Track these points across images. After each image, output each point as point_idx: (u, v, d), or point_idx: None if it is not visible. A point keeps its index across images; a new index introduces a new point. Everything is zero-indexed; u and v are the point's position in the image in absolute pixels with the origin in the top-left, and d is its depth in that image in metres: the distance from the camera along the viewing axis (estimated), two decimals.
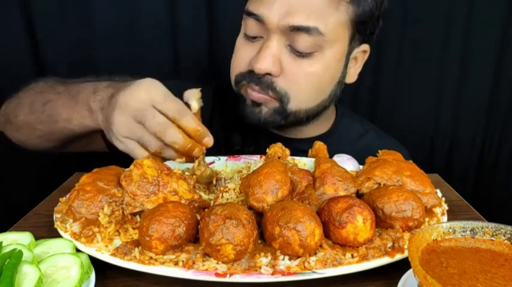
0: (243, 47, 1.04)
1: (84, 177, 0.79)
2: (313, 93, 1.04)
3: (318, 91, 1.04)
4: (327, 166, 0.80)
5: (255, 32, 1.00)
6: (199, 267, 0.63)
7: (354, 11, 0.99)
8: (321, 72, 1.00)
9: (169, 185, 0.76)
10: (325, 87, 1.05)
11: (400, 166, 0.82)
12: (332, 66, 1.02)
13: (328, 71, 1.02)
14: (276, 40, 0.97)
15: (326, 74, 1.02)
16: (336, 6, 0.97)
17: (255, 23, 0.99)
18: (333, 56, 1.01)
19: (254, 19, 0.98)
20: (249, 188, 0.75)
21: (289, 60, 0.98)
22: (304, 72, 0.99)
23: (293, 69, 0.99)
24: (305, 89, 1.02)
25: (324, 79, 1.03)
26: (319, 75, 1.01)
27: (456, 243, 0.61)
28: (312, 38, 0.95)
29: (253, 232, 0.65)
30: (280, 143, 0.93)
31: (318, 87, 1.03)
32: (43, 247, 0.67)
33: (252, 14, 0.98)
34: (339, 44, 1.01)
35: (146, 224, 0.66)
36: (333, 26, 0.97)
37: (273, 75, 0.99)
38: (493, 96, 1.62)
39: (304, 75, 0.99)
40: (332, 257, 0.64)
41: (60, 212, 0.76)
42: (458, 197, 0.95)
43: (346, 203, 0.68)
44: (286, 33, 0.96)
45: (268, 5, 0.96)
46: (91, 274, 0.63)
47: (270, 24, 0.96)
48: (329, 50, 0.99)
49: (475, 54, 1.57)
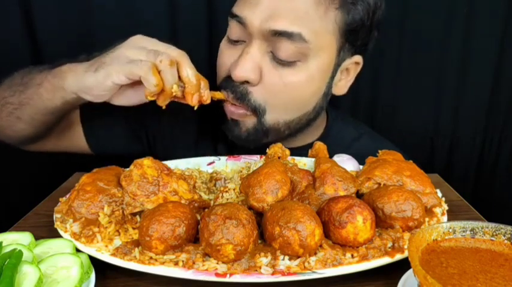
0: (225, 51, 0.99)
1: (84, 177, 0.79)
2: (293, 105, 0.98)
3: (299, 103, 0.98)
4: (327, 166, 0.80)
5: (238, 35, 0.95)
6: (199, 267, 0.63)
7: (343, 18, 0.93)
8: (303, 83, 0.94)
9: (169, 185, 0.76)
10: (307, 99, 0.99)
11: (400, 166, 0.82)
12: (316, 78, 0.96)
13: (311, 83, 0.95)
14: (257, 45, 0.91)
15: (309, 85, 0.96)
16: (323, 13, 0.90)
17: (238, 26, 0.93)
18: (318, 67, 0.94)
19: (237, 21, 0.93)
20: (249, 188, 0.75)
21: (270, 68, 0.92)
22: (284, 82, 0.93)
23: (272, 79, 0.93)
24: (284, 100, 0.95)
25: (306, 91, 0.96)
26: (301, 87, 0.95)
27: (456, 243, 0.61)
28: (294, 45, 0.89)
29: (253, 232, 0.65)
30: (280, 143, 0.93)
31: (299, 99, 0.97)
32: (43, 247, 0.68)
33: (235, 16, 0.93)
34: (325, 54, 0.94)
35: (146, 224, 0.66)
36: (319, 33, 0.91)
37: (250, 84, 0.93)
38: (493, 96, 1.62)
39: (283, 86, 0.93)
40: (332, 257, 0.64)
41: (60, 212, 0.76)
42: (458, 197, 0.95)
43: (346, 203, 0.68)
44: (268, 38, 0.90)
45: (251, 7, 0.90)
46: (91, 274, 0.63)
47: (251, 27, 0.90)
48: (313, 59, 0.93)
49: (475, 54, 1.56)
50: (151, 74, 0.78)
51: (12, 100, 0.98)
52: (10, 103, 0.98)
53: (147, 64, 0.78)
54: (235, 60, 0.93)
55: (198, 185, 0.87)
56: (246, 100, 0.94)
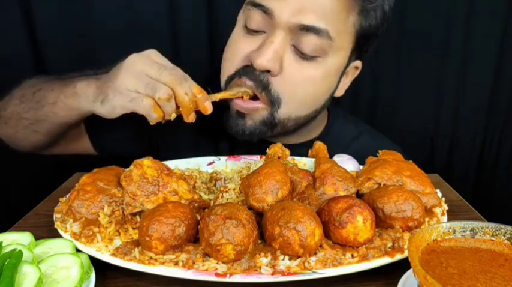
0: (242, 40, 0.97)
1: (84, 177, 0.79)
2: (307, 101, 1.00)
3: (312, 99, 1.00)
4: (327, 166, 0.80)
5: (259, 25, 0.94)
6: (199, 267, 0.63)
7: (361, 23, 0.96)
8: (320, 78, 0.97)
9: (169, 185, 0.76)
10: (320, 96, 1.01)
11: (400, 166, 0.82)
12: (331, 75, 0.99)
13: (327, 80, 0.99)
14: (281, 37, 0.92)
15: (325, 82, 0.99)
16: (346, 14, 0.94)
17: (261, 16, 0.93)
18: (335, 65, 0.97)
19: (261, 11, 0.92)
20: (249, 188, 0.75)
21: (291, 60, 0.94)
22: (304, 75, 0.95)
23: (293, 71, 0.94)
24: (300, 94, 0.97)
25: (321, 87, 0.99)
26: (318, 82, 0.97)
27: (456, 243, 0.61)
28: (319, 41, 0.91)
29: (253, 232, 0.65)
30: (280, 143, 0.93)
31: (313, 95, 0.99)
32: (43, 247, 0.68)
33: (260, 6, 0.92)
34: (342, 54, 0.98)
35: (146, 224, 0.66)
36: (340, 33, 0.94)
37: (271, 74, 0.94)
38: (493, 96, 1.62)
39: (303, 79, 0.95)
40: (332, 257, 0.64)
41: (60, 212, 0.76)
42: (458, 197, 0.95)
43: (346, 203, 0.68)
44: (294, 31, 0.91)
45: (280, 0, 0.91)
46: (91, 274, 0.63)
47: (278, 19, 0.91)
48: (332, 57, 0.95)
49: (475, 54, 1.56)
50: (153, 112, 0.84)
51: (27, 116, 1.03)
52: (25, 119, 1.03)
53: (148, 103, 0.83)
54: (257, 49, 0.93)
55: (198, 185, 0.87)
56: (266, 90, 0.95)
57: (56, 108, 0.97)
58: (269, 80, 0.94)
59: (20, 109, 1.03)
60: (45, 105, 0.98)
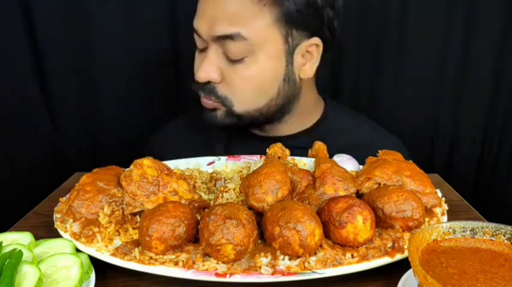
0: (196, 59, 1.09)
1: (84, 177, 0.79)
2: (256, 95, 1.06)
3: (260, 92, 1.06)
4: (327, 166, 0.80)
5: (201, 44, 1.05)
6: (199, 267, 0.63)
7: (278, 12, 0.98)
8: (257, 75, 1.03)
9: (169, 185, 0.76)
10: (267, 87, 1.06)
11: (400, 166, 0.82)
12: (268, 67, 1.03)
13: (264, 73, 1.03)
14: (213, 50, 1.01)
15: (264, 75, 1.03)
16: (258, 10, 0.97)
17: (197, 37, 1.04)
18: (268, 57, 1.02)
19: (196, 33, 1.04)
20: (249, 188, 0.75)
21: (227, 67, 1.02)
22: (241, 76, 1.02)
23: (231, 75, 1.02)
24: (246, 92, 1.04)
25: (263, 80, 1.04)
26: (257, 78, 1.03)
27: (456, 243, 0.61)
28: (237, 44, 0.98)
29: (253, 232, 0.65)
30: (280, 143, 0.93)
31: (258, 89, 1.05)
32: (43, 247, 0.68)
33: (194, 29, 1.04)
34: (270, 45, 1.01)
35: (146, 224, 0.66)
36: (257, 30, 0.98)
37: (214, 83, 1.04)
38: (493, 96, 1.62)
39: (241, 80, 1.03)
40: (332, 257, 0.64)
41: (60, 212, 0.76)
42: (458, 197, 0.95)
43: (346, 203, 0.68)
44: (217, 42, 1.00)
45: (199, 19, 1.02)
46: (91, 274, 0.63)
47: (203, 36, 1.01)
48: (260, 52, 1.00)
49: (475, 54, 1.56)
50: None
51: None
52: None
53: None
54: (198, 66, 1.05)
55: (198, 185, 0.87)
56: (214, 94, 1.05)
57: None
58: (214, 86, 1.05)
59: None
60: None
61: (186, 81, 1.58)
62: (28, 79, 1.50)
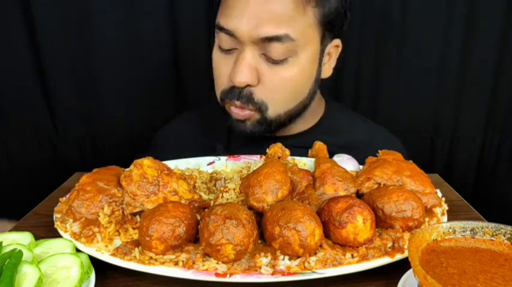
0: (221, 62, 1.05)
1: (84, 177, 0.79)
2: (291, 97, 1.05)
3: (295, 94, 1.05)
4: (327, 166, 0.80)
5: (229, 45, 1.00)
6: (199, 267, 0.63)
7: (321, 12, 0.99)
8: (297, 75, 1.02)
9: (169, 185, 0.76)
10: (302, 88, 1.06)
11: (400, 166, 0.82)
12: (307, 68, 1.03)
13: (303, 73, 1.03)
14: (250, 51, 0.98)
15: (302, 76, 1.03)
16: (302, 11, 0.97)
17: (228, 37, 0.99)
18: (307, 58, 1.02)
19: (225, 33, 0.99)
20: (249, 188, 0.75)
21: (266, 68, 0.99)
22: (281, 78, 1.00)
23: (270, 77, 1.00)
24: (283, 94, 1.03)
25: (300, 81, 1.04)
26: (296, 79, 1.02)
27: (456, 243, 0.61)
28: (284, 45, 0.96)
29: (253, 232, 0.65)
30: (279, 143, 0.93)
31: (295, 90, 1.05)
32: (43, 247, 0.67)
33: (223, 29, 0.99)
34: (311, 46, 1.01)
35: (146, 224, 0.66)
36: (302, 30, 0.98)
37: (251, 86, 1.00)
38: (493, 96, 1.62)
39: (280, 81, 1.01)
40: (332, 257, 0.64)
41: (60, 212, 0.76)
42: (458, 197, 0.95)
43: (346, 203, 0.68)
44: (259, 43, 0.97)
45: (237, 19, 0.96)
46: (91, 274, 0.63)
47: (242, 37, 0.97)
48: (302, 53, 1.00)
49: (475, 54, 1.56)
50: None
51: None
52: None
53: None
54: (233, 68, 1.00)
55: (198, 185, 0.87)
56: (251, 101, 1.01)
57: None
58: (251, 91, 1.01)
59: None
60: None
61: (186, 81, 1.58)
62: (28, 79, 1.50)
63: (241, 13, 0.96)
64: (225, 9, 1.00)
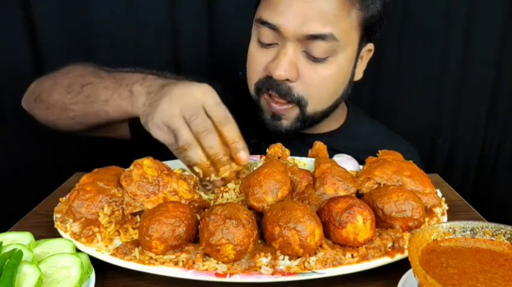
0: (258, 54, 1.05)
1: (85, 177, 0.79)
2: (329, 95, 1.07)
3: (332, 93, 1.08)
4: (327, 166, 0.80)
5: (270, 39, 1.02)
6: (199, 267, 0.63)
7: (364, 15, 1.02)
8: (335, 75, 1.04)
9: (169, 185, 0.76)
10: (338, 88, 1.08)
11: (400, 166, 0.82)
12: (345, 68, 1.06)
13: (341, 73, 1.05)
14: (292, 47, 0.99)
15: (340, 76, 1.05)
16: (347, 13, 0.99)
17: (270, 31, 1.00)
18: (346, 59, 1.04)
19: (268, 27, 1.00)
20: (249, 188, 0.75)
21: (306, 65, 1.01)
22: (320, 76, 1.02)
23: (310, 74, 1.01)
24: (321, 91, 1.05)
25: (337, 81, 1.06)
26: (334, 78, 1.04)
27: (456, 243, 0.61)
28: (327, 44, 0.98)
29: (253, 232, 0.65)
30: (280, 143, 0.93)
31: (332, 89, 1.07)
32: (43, 247, 0.68)
33: (267, 23, 1.00)
34: (350, 47, 1.04)
35: (146, 224, 0.66)
36: (345, 31, 1.00)
37: (290, 81, 1.01)
38: (493, 96, 1.62)
39: (320, 79, 1.02)
40: (332, 257, 0.64)
41: (60, 212, 0.76)
42: (458, 197, 0.95)
43: (346, 203, 0.68)
44: (302, 40, 0.98)
45: (283, 15, 0.97)
46: (91, 274, 0.63)
47: (286, 33, 0.98)
48: (342, 53, 1.02)
49: (475, 54, 1.56)
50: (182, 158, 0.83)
51: (74, 108, 1.02)
52: (72, 110, 1.03)
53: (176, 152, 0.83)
54: (273, 61, 1.01)
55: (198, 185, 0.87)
56: (290, 95, 1.03)
57: (107, 107, 0.96)
58: (289, 86, 1.02)
59: (67, 100, 1.02)
60: (95, 101, 0.97)
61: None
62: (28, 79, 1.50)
63: (288, 9, 0.97)
64: (268, 4, 1.00)
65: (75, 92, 1.01)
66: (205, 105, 0.81)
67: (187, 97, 0.81)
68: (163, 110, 0.81)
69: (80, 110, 1.01)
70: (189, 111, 0.80)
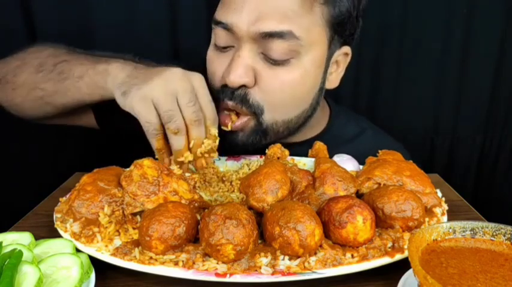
0: (215, 59, 0.97)
1: (85, 177, 0.79)
2: (292, 104, 0.96)
3: (297, 101, 0.97)
4: (327, 166, 0.80)
5: (225, 41, 0.93)
6: (199, 267, 0.63)
7: (329, 12, 0.92)
8: (299, 80, 0.93)
9: (170, 185, 0.76)
10: (304, 96, 0.97)
11: (400, 166, 0.82)
12: (311, 73, 0.95)
13: (307, 79, 0.94)
14: (247, 49, 0.90)
15: (305, 81, 0.94)
16: (309, 8, 0.89)
17: (224, 32, 0.92)
18: (312, 62, 0.93)
19: (222, 28, 0.92)
20: (249, 188, 0.75)
21: (264, 69, 0.91)
22: (281, 81, 0.92)
23: (268, 79, 0.92)
24: (282, 99, 0.94)
25: (303, 87, 0.95)
26: (298, 84, 0.93)
27: (456, 243, 0.61)
28: (287, 44, 0.88)
29: (253, 232, 0.65)
30: (279, 143, 0.93)
31: (296, 97, 0.96)
32: (43, 247, 0.67)
33: (220, 23, 0.92)
34: (316, 48, 0.93)
35: (146, 224, 0.66)
36: (308, 29, 0.90)
37: (247, 87, 0.92)
38: (493, 96, 1.62)
39: (280, 84, 0.92)
40: (332, 257, 0.64)
41: (60, 212, 0.76)
42: (458, 197, 0.95)
43: (346, 203, 0.68)
44: (258, 40, 0.89)
45: (236, 12, 0.89)
46: (91, 274, 0.63)
47: (239, 32, 0.89)
48: (306, 55, 0.92)
49: (475, 54, 1.57)
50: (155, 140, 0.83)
51: (45, 86, 0.97)
52: (42, 89, 0.97)
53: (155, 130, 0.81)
54: (227, 67, 0.92)
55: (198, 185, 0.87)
56: (245, 103, 0.93)
57: (80, 83, 0.91)
58: (246, 92, 0.92)
59: (38, 78, 0.97)
60: (68, 77, 0.92)
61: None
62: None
63: (241, 6, 0.88)
64: (223, 3, 0.93)
65: (47, 71, 0.96)
66: (198, 94, 0.81)
67: (185, 82, 0.80)
68: (158, 86, 0.78)
69: (50, 88, 0.96)
70: (186, 96, 0.79)
